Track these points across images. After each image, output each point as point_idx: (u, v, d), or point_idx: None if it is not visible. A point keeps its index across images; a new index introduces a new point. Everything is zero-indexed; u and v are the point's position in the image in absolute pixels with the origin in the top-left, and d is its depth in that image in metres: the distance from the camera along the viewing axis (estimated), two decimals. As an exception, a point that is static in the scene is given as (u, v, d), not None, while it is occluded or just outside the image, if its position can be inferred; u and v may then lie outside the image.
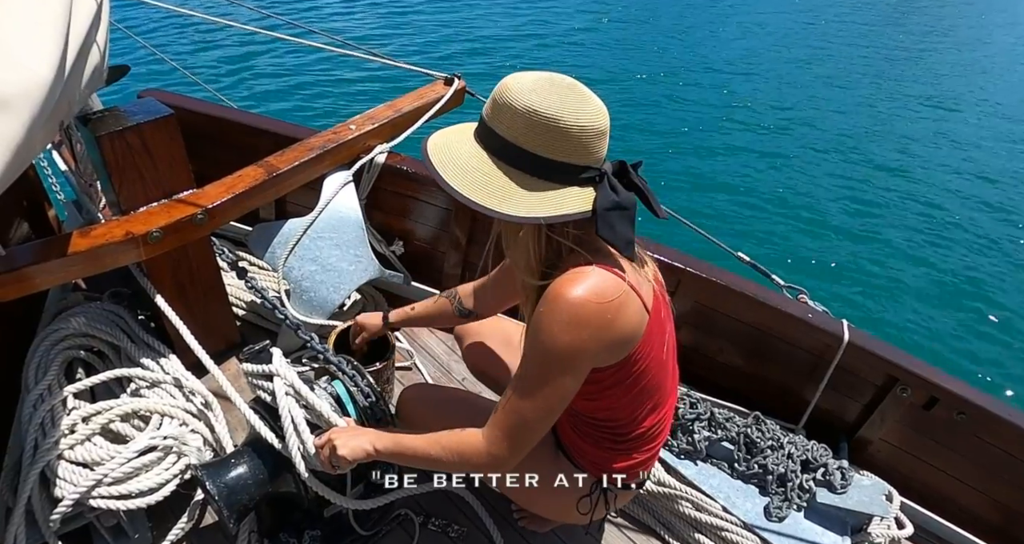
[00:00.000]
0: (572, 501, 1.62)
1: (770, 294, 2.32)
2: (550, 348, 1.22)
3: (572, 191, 1.17)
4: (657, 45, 12.44)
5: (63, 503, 1.62)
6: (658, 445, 1.59)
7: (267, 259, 2.43)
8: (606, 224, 1.18)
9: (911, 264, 6.26)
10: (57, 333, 1.97)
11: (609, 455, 1.56)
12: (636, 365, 1.35)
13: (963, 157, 8.64)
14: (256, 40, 9.81)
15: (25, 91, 1.17)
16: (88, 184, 2.34)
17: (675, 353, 1.53)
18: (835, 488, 2.10)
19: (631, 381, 1.37)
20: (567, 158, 1.15)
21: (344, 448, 1.46)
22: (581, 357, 1.24)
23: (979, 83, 11.82)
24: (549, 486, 1.62)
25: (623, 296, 1.23)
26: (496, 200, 1.14)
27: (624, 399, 1.42)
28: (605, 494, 1.60)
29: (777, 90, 10.50)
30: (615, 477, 1.58)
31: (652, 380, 1.42)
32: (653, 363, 1.39)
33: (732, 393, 2.45)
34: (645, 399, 1.46)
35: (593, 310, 1.20)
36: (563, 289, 1.20)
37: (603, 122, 1.17)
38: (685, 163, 7.79)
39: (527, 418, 1.28)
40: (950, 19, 17.18)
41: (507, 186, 1.15)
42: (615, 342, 1.27)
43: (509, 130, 1.14)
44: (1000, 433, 2.10)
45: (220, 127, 2.85)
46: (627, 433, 1.51)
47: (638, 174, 1.26)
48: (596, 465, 1.58)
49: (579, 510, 1.62)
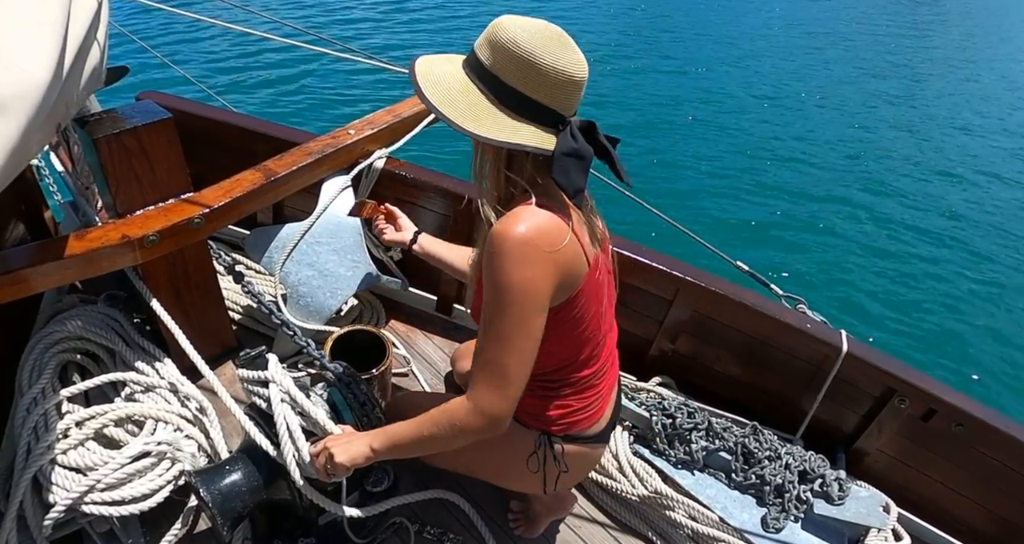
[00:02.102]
0: (523, 461, 1.64)
1: (769, 304, 2.32)
2: (508, 289, 1.26)
3: (536, 129, 1.24)
4: (657, 49, 12.47)
5: (55, 509, 1.60)
6: (596, 399, 1.61)
7: (264, 263, 2.42)
8: (561, 168, 1.24)
9: (911, 275, 6.26)
10: (52, 336, 1.96)
11: (543, 402, 1.58)
12: (574, 310, 1.41)
13: (963, 168, 8.66)
14: (255, 43, 9.81)
15: (22, 93, 1.16)
16: (85, 186, 2.33)
17: (611, 312, 1.62)
18: (832, 499, 2.09)
19: (568, 325, 1.43)
20: (538, 97, 1.21)
21: (342, 455, 1.44)
22: (537, 291, 1.28)
23: (981, 96, 11.85)
24: (497, 449, 1.66)
25: (565, 237, 1.29)
26: (461, 116, 1.22)
27: (560, 344, 1.45)
28: (551, 447, 1.61)
29: (778, 99, 10.52)
30: (556, 427, 1.60)
31: (588, 330, 1.48)
32: (590, 314, 1.45)
33: (730, 403, 2.44)
34: (580, 347, 1.51)
35: (539, 244, 1.25)
36: (510, 225, 1.25)
37: (579, 73, 1.23)
38: (683, 171, 7.80)
39: (504, 364, 1.30)
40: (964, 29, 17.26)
41: (476, 107, 1.23)
42: (563, 277, 1.31)
43: (490, 59, 1.22)
44: (998, 445, 2.10)
45: (218, 130, 2.84)
46: (560, 380, 1.55)
47: (607, 140, 1.32)
48: (534, 416, 1.61)
49: (529, 469, 1.64)
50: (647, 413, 2.29)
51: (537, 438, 1.63)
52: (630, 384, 2.44)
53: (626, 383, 2.44)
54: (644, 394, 2.41)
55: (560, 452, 1.62)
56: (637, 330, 2.59)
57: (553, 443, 1.61)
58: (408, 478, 2.11)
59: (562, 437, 1.62)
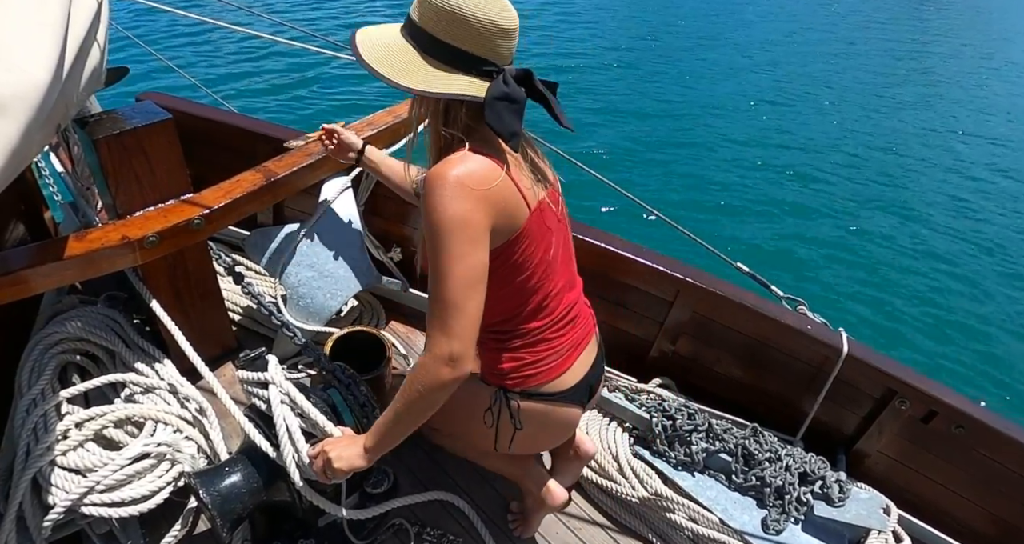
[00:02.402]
0: (480, 416, 1.67)
1: (769, 305, 2.32)
2: (442, 223, 1.30)
3: (468, 78, 1.30)
4: (661, 54, 12.48)
5: (55, 510, 1.60)
6: (551, 354, 1.62)
7: (264, 264, 2.42)
8: (494, 113, 1.29)
9: (911, 277, 6.26)
10: (51, 337, 1.95)
11: (495, 355, 1.62)
12: (516, 254, 1.44)
13: (965, 169, 8.67)
14: (256, 44, 9.82)
15: (21, 94, 1.16)
16: (85, 187, 2.33)
17: (571, 268, 1.67)
18: (833, 501, 2.09)
19: (511, 270, 1.46)
20: (468, 47, 1.27)
21: (339, 461, 1.45)
22: (473, 225, 1.32)
23: (987, 101, 11.85)
24: (459, 404, 1.64)
25: (499, 179, 1.35)
26: (393, 71, 1.29)
27: (505, 291, 1.48)
28: (508, 403, 1.63)
29: (778, 102, 10.53)
30: (510, 381, 1.62)
31: (535, 279, 1.51)
32: (535, 261, 1.49)
33: (730, 404, 2.44)
34: (528, 297, 1.54)
35: (468, 183, 1.30)
36: (442, 167, 1.31)
37: (505, 21, 1.28)
38: (685, 173, 7.80)
39: (453, 301, 1.32)
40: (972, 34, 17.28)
41: (409, 63, 1.30)
42: (498, 216, 1.36)
43: (420, 17, 1.28)
44: (998, 447, 2.10)
45: (218, 131, 2.84)
46: (510, 331, 1.58)
47: (546, 86, 1.38)
48: (490, 371, 1.65)
49: (485, 424, 1.67)
50: (647, 414, 2.28)
51: (494, 393, 1.65)
52: (630, 385, 2.44)
53: (626, 385, 2.44)
54: (644, 395, 2.41)
55: (516, 408, 1.63)
56: (637, 331, 2.59)
57: (510, 399, 1.63)
58: (408, 480, 2.11)
59: (519, 393, 1.63)
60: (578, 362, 1.68)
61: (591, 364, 1.74)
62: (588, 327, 1.75)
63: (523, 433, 1.67)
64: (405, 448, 2.17)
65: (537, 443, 1.81)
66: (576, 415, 1.74)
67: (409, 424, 1.45)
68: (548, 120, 1.41)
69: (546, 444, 1.89)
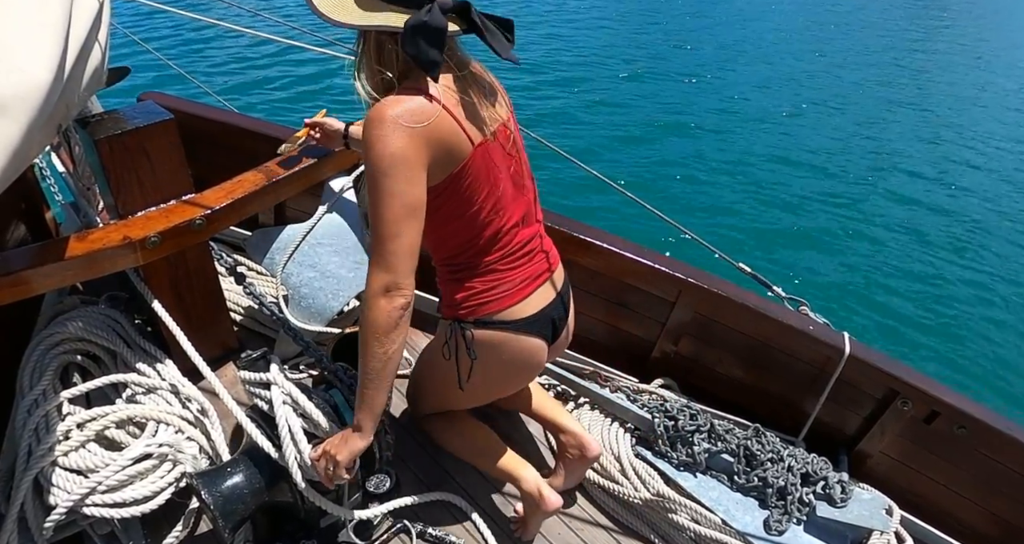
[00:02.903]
0: (440, 352, 1.75)
1: (771, 305, 2.32)
2: (379, 161, 1.35)
3: (396, 14, 1.33)
4: (662, 53, 12.48)
5: (56, 511, 1.59)
6: (503, 283, 1.66)
7: (266, 265, 2.42)
8: (411, 41, 1.31)
9: (913, 277, 6.26)
10: (53, 337, 1.95)
11: (449, 287, 1.69)
12: (461, 188, 1.49)
13: (967, 170, 8.66)
14: (258, 44, 9.84)
15: (23, 94, 1.16)
16: (86, 187, 2.33)
17: (527, 203, 1.68)
18: (835, 502, 2.08)
19: (457, 203, 1.51)
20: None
21: (341, 453, 1.47)
22: (409, 162, 1.36)
23: (990, 102, 11.83)
24: (428, 354, 1.81)
25: (434, 116, 1.38)
26: (327, 7, 1.33)
27: (454, 224, 1.56)
28: (462, 332, 1.68)
29: (781, 102, 10.53)
30: (463, 311, 1.67)
31: (484, 212, 1.55)
32: (483, 196, 1.53)
33: (732, 405, 2.44)
34: (479, 230, 1.58)
35: (400, 121, 1.34)
36: (378, 108, 1.36)
37: None
38: (686, 174, 7.80)
39: (387, 235, 1.38)
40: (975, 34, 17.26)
41: (345, 2, 1.34)
42: (435, 151, 1.40)
43: None
44: (1001, 447, 2.09)
45: (220, 131, 2.84)
46: (463, 263, 1.64)
47: (493, 20, 1.42)
48: (446, 305, 1.72)
49: (444, 356, 1.73)
50: (649, 415, 2.28)
51: (449, 325, 1.72)
52: (632, 386, 2.44)
53: (628, 385, 2.44)
54: (646, 396, 2.41)
55: (470, 338, 1.68)
56: (639, 332, 2.58)
57: (464, 328, 1.68)
58: (410, 480, 2.11)
59: (472, 322, 1.67)
60: (536, 294, 1.71)
61: (552, 299, 1.76)
62: (549, 263, 1.78)
63: (482, 365, 1.71)
64: (408, 450, 2.19)
65: (500, 380, 1.84)
66: (537, 347, 1.76)
67: (381, 374, 1.47)
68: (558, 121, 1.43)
69: (510, 380, 1.89)
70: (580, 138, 8.35)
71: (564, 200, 6.60)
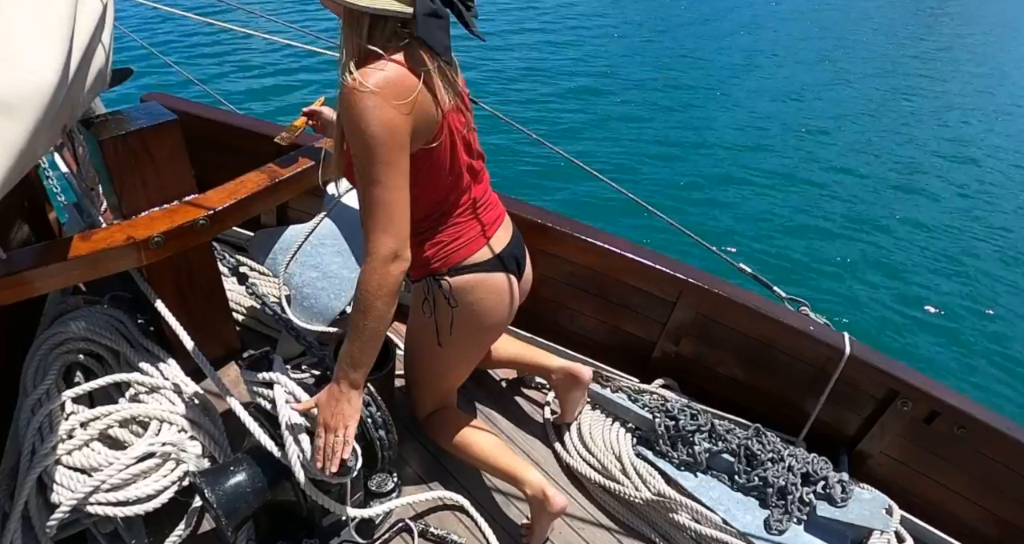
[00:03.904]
0: (421, 315, 1.83)
1: (771, 306, 2.32)
2: (372, 132, 1.38)
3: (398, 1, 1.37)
4: (670, 51, 12.49)
5: (60, 509, 1.60)
6: (466, 230, 1.75)
7: (268, 265, 2.43)
8: (427, 29, 1.39)
9: (914, 278, 6.25)
10: (56, 337, 1.96)
11: (418, 250, 1.73)
12: (435, 155, 1.56)
13: (969, 170, 8.66)
14: (261, 46, 9.84)
15: (28, 95, 1.16)
16: (90, 187, 2.34)
17: (479, 151, 1.77)
18: (835, 501, 2.09)
19: (430, 169, 1.58)
20: None
21: (350, 418, 1.53)
22: (400, 132, 1.42)
23: (994, 106, 11.82)
24: (411, 322, 1.89)
25: (415, 85, 1.43)
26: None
27: (426, 191, 1.61)
28: (438, 284, 1.76)
29: (783, 102, 10.52)
30: (435, 264, 1.75)
31: (451, 176, 1.65)
32: (451, 161, 1.61)
33: (733, 405, 2.44)
34: (445, 194, 1.67)
35: (393, 91, 1.39)
36: (364, 77, 1.38)
37: None
38: (688, 173, 7.80)
39: (386, 201, 1.44)
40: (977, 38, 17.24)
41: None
42: (417, 120, 1.45)
43: None
44: (1001, 448, 2.10)
45: (223, 132, 2.85)
46: (430, 226, 1.71)
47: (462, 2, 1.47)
48: (417, 266, 1.77)
49: (425, 314, 1.82)
50: (650, 415, 2.29)
51: (424, 283, 1.80)
52: (633, 386, 2.44)
53: (629, 385, 2.44)
54: (647, 396, 2.41)
55: (448, 288, 1.76)
56: (640, 332, 2.59)
57: (439, 281, 1.76)
58: (412, 480, 2.12)
59: (446, 272, 1.76)
60: (495, 237, 1.81)
61: (508, 240, 1.86)
62: (499, 209, 1.88)
63: (463, 313, 1.79)
64: (409, 449, 2.19)
65: (483, 325, 1.88)
66: (510, 281, 1.85)
67: (379, 334, 1.52)
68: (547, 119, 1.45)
69: (492, 324, 1.91)
70: (576, 136, 8.36)
71: (561, 198, 6.62)
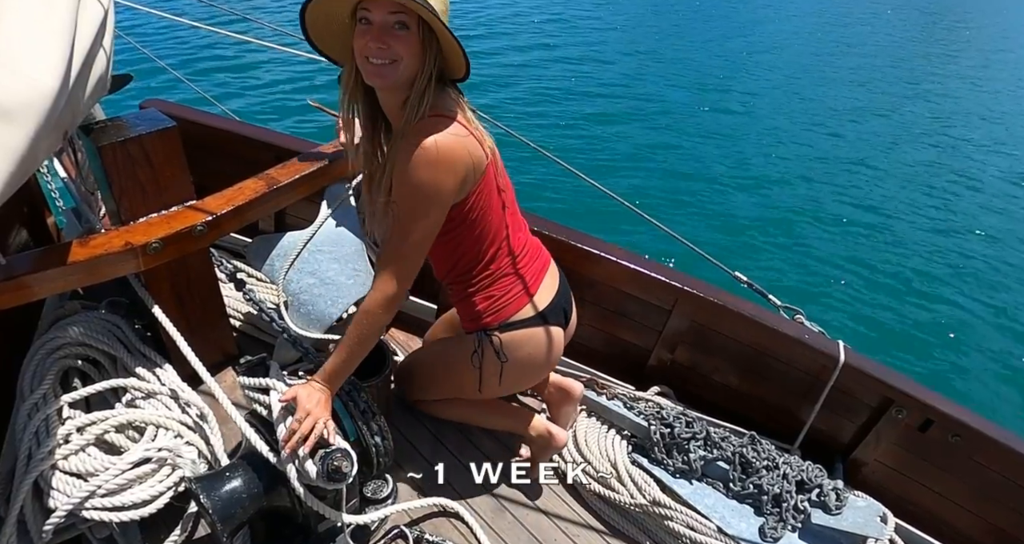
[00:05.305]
0: (467, 361, 1.89)
1: (767, 314, 2.33)
2: (418, 186, 1.50)
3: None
4: (668, 58, 12.53)
5: (56, 514, 1.60)
6: (516, 284, 1.83)
7: (266, 271, 2.43)
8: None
9: (909, 287, 6.27)
10: (53, 342, 1.97)
11: (468, 301, 1.84)
12: (480, 203, 1.64)
13: (965, 179, 8.69)
14: (259, 53, 9.87)
15: (29, 101, 1.17)
16: (89, 192, 2.35)
17: (515, 210, 1.84)
18: (830, 509, 2.09)
19: (476, 217, 1.66)
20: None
21: (325, 412, 1.58)
22: (445, 192, 1.53)
23: (994, 113, 11.87)
24: (450, 357, 1.97)
25: (469, 141, 1.54)
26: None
27: (469, 238, 1.71)
28: (489, 339, 1.84)
29: (782, 108, 10.57)
30: (488, 319, 1.83)
31: (495, 223, 1.73)
32: (494, 207, 1.70)
33: (728, 412, 2.45)
34: (490, 240, 1.75)
35: (450, 154, 1.49)
36: (425, 132, 1.48)
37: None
38: (684, 183, 7.82)
39: (407, 254, 1.57)
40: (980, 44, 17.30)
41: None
42: (465, 176, 1.55)
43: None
44: (995, 456, 2.10)
45: (222, 139, 2.86)
46: (476, 276, 1.79)
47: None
48: (467, 319, 1.88)
49: (472, 365, 1.89)
50: (646, 422, 2.29)
51: (476, 337, 1.86)
52: (629, 393, 2.45)
53: (625, 393, 2.45)
54: (643, 403, 2.42)
55: (498, 343, 1.84)
56: (636, 340, 2.60)
57: (491, 336, 1.84)
58: (407, 486, 2.12)
59: (497, 327, 1.83)
60: (543, 287, 1.88)
61: (556, 288, 1.93)
62: (544, 257, 1.95)
63: (511, 365, 1.86)
64: (405, 455, 2.19)
65: (527, 374, 1.98)
66: (559, 335, 1.93)
67: (362, 354, 1.65)
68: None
69: (537, 373, 2.02)
70: (571, 144, 8.38)
71: (558, 208, 6.63)
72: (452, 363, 1.99)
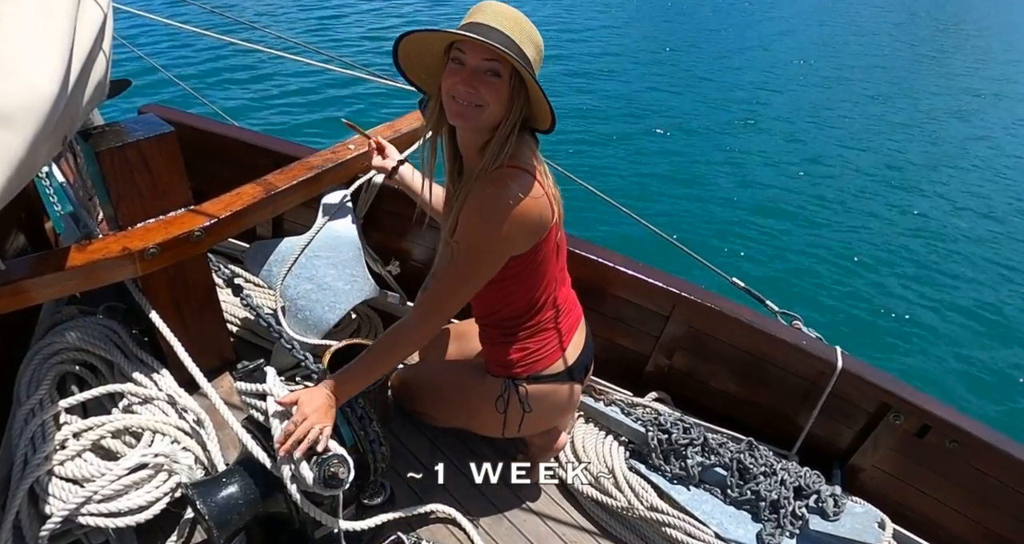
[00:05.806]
0: (491, 404, 1.90)
1: (764, 320, 2.33)
2: (485, 234, 1.52)
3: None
4: (667, 60, 12.56)
5: (52, 520, 1.60)
6: (552, 339, 1.85)
7: (263, 277, 2.43)
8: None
9: (907, 292, 6.28)
10: (50, 347, 1.96)
11: (504, 349, 1.85)
12: (539, 257, 1.65)
13: (965, 185, 8.72)
14: (258, 58, 9.87)
15: (28, 106, 1.17)
16: (87, 198, 2.34)
17: (564, 264, 1.87)
18: (828, 515, 2.09)
19: (533, 269, 1.68)
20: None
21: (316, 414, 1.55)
22: (509, 243, 1.55)
23: (994, 119, 11.90)
24: (471, 395, 1.98)
25: (543, 202, 1.54)
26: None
27: (522, 291, 1.73)
28: (516, 389, 1.87)
29: (780, 112, 10.59)
30: (518, 369, 1.85)
31: (546, 277, 1.74)
32: (550, 261, 1.71)
33: (725, 418, 2.45)
34: (540, 294, 1.76)
35: (523, 211, 1.49)
36: (503, 183, 1.48)
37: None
38: (681, 187, 7.83)
39: (456, 292, 1.60)
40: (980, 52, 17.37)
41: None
42: (532, 234, 1.57)
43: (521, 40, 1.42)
44: (992, 461, 2.10)
45: (220, 144, 2.86)
46: (518, 325, 1.81)
47: None
48: (498, 364, 1.89)
49: (497, 409, 1.90)
50: (643, 428, 2.29)
51: (503, 383, 1.88)
52: (626, 399, 2.45)
53: (622, 398, 2.45)
54: (640, 409, 2.42)
55: (524, 393, 1.87)
56: (633, 345, 2.60)
57: (518, 386, 1.86)
58: (405, 492, 2.11)
59: (526, 378, 1.86)
60: (571, 345, 1.89)
61: (582, 345, 1.95)
62: (577, 311, 1.96)
63: (531, 415, 1.89)
64: (402, 462, 2.19)
65: (543, 422, 2.02)
66: (577, 391, 1.98)
67: (380, 373, 1.73)
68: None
69: (551, 422, 2.06)
70: (570, 150, 8.39)
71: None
72: (472, 398, 1.99)
